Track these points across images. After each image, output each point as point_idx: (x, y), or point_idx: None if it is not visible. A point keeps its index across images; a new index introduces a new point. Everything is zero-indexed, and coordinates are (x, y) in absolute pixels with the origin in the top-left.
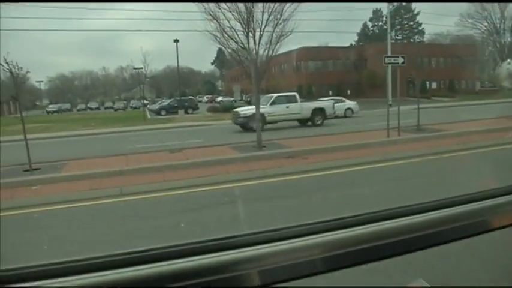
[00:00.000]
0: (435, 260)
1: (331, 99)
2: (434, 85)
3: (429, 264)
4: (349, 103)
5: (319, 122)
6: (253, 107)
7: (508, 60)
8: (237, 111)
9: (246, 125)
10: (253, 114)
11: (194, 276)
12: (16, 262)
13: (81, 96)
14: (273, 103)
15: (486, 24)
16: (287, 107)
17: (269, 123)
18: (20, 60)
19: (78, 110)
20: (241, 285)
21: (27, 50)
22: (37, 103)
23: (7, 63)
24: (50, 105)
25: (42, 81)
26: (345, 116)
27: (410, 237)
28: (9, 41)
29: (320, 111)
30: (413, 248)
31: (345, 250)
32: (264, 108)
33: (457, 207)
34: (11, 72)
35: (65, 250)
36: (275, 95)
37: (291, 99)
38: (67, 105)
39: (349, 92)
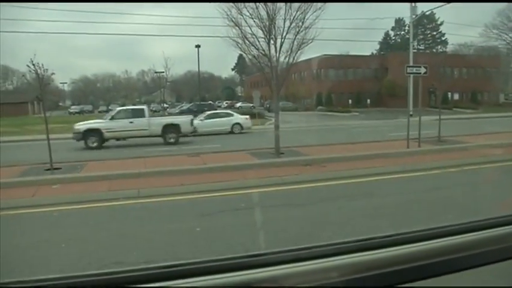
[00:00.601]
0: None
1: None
2: (456, 96)
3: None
4: (238, 117)
5: (172, 140)
6: (90, 121)
7: None
8: (73, 126)
9: (83, 140)
10: (88, 130)
11: None
12: (35, 260)
13: (103, 98)
14: (113, 118)
15: None
16: (131, 122)
17: (117, 139)
18: (45, 62)
19: (99, 112)
20: None
21: (53, 52)
22: (60, 104)
23: (33, 64)
24: (73, 107)
25: (65, 83)
26: (232, 132)
27: (437, 261)
28: (36, 43)
29: (173, 127)
30: (439, 272)
31: (372, 272)
32: (102, 123)
33: (485, 231)
34: (36, 73)
35: (82, 249)
36: (119, 108)
37: (137, 114)
38: (89, 107)
39: (369, 101)
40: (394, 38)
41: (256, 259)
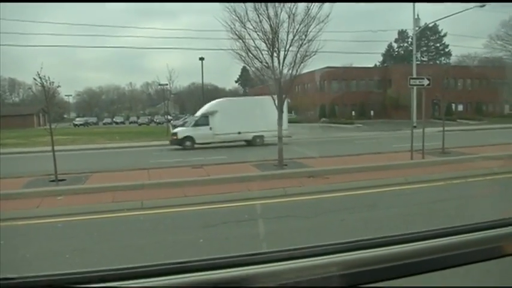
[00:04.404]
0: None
1: None
2: (460, 107)
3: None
4: None
5: None
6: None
7: None
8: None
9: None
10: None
11: None
12: (40, 271)
13: (107, 110)
14: None
15: None
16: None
17: None
18: (51, 74)
19: (104, 124)
20: None
21: (59, 65)
22: (65, 116)
23: (40, 77)
24: (77, 119)
25: (70, 95)
26: None
27: (426, 259)
28: (42, 57)
29: None
30: (427, 270)
31: (359, 269)
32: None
33: (474, 233)
34: (43, 86)
35: (86, 260)
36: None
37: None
38: (93, 119)
39: (372, 112)
40: (397, 50)
41: (255, 257)
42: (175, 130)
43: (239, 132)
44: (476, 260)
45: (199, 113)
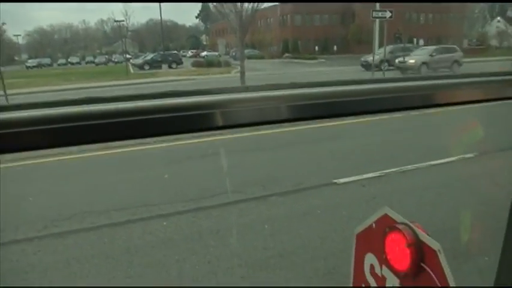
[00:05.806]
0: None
1: None
2: (421, 42)
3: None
4: None
5: None
6: None
7: (498, 18)
8: None
9: None
10: None
11: (174, 111)
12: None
13: (61, 50)
14: None
15: None
16: None
17: None
18: None
19: (59, 65)
20: (217, 124)
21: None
22: (16, 58)
23: None
24: (30, 60)
25: (20, 35)
26: None
27: (363, 99)
28: None
29: None
30: (364, 110)
31: (304, 102)
32: None
33: (415, 81)
34: None
35: (51, 202)
36: None
37: None
38: (47, 60)
39: (335, 47)
40: None
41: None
42: None
43: None
44: (414, 105)
45: None
